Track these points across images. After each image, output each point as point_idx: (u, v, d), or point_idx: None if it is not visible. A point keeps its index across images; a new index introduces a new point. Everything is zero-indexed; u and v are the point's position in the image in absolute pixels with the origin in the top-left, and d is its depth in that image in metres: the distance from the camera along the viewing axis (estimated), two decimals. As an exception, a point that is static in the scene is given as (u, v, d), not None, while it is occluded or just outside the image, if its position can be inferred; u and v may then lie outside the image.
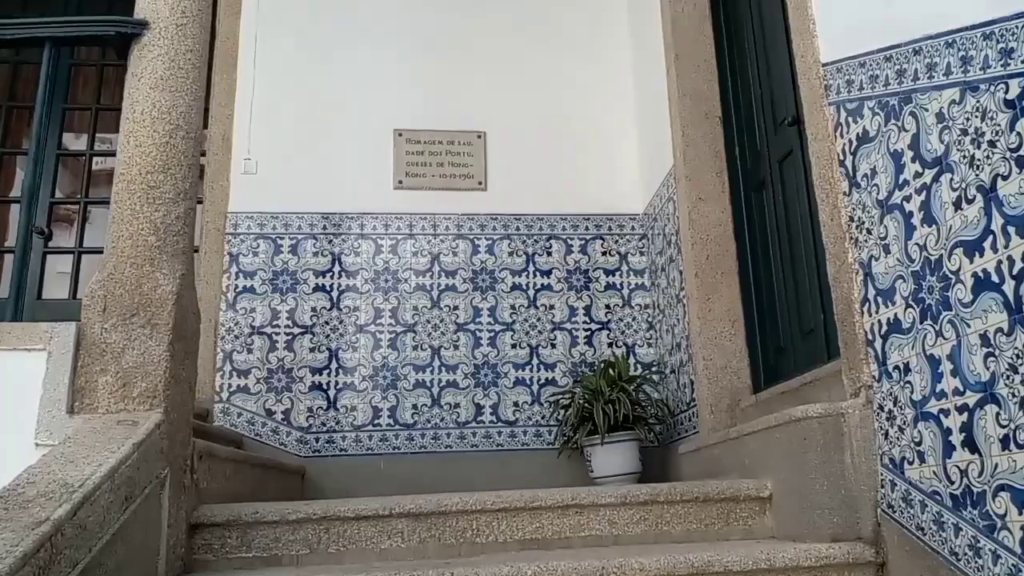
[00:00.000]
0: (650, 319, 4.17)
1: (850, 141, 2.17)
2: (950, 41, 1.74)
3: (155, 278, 2.10)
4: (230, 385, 3.93)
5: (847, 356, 2.17)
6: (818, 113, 2.33)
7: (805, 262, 2.97)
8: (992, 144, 1.59)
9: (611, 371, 3.72)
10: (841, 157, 2.21)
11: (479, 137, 4.40)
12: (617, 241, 4.29)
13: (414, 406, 3.97)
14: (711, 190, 3.58)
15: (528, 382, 4.05)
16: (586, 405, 3.63)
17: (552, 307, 4.17)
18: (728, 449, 2.81)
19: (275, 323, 4.02)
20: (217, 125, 4.31)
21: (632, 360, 4.11)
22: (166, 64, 2.27)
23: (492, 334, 4.10)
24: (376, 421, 3.93)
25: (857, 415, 2.06)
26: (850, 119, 2.17)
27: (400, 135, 4.36)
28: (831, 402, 2.22)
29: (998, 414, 1.57)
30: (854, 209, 2.14)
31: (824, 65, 2.31)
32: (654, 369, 4.07)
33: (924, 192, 1.83)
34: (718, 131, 3.67)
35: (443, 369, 4.03)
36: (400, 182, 4.30)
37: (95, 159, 4.83)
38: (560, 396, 3.94)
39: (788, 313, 3.13)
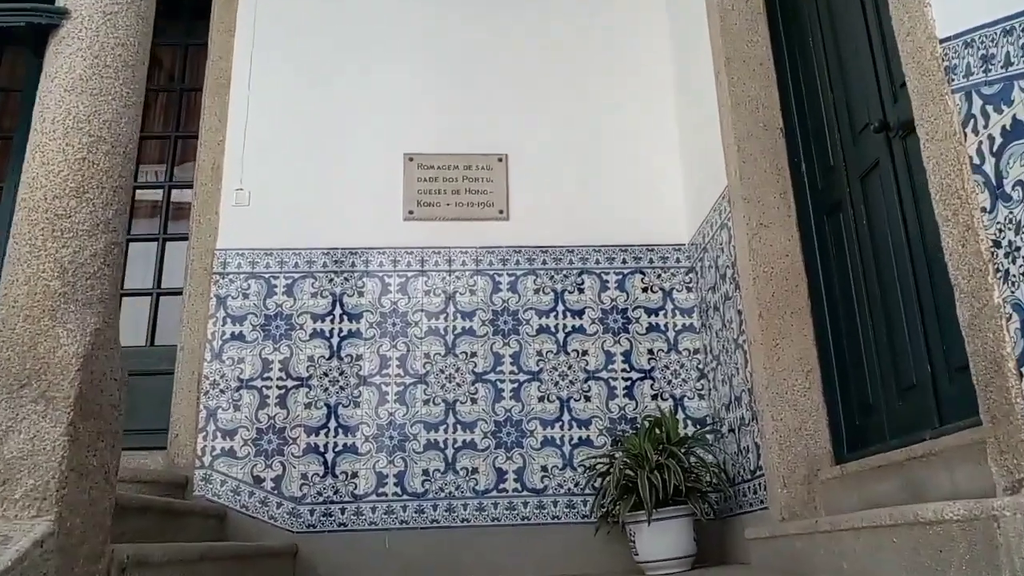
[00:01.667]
0: (701, 366, 3.57)
1: (991, 138, 1.59)
2: None
3: (55, 336, 1.58)
4: (213, 448, 3.40)
5: (997, 434, 1.56)
6: (936, 105, 1.75)
7: (902, 300, 2.37)
8: None
9: (657, 431, 3.12)
10: (976, 161, 1.63)
11: (500, 160, 3.87)
12: (660, 276, 3.72)
13: (425, 472, 3.40)
14: (775, 214, 3.00)
15: (558, 442, 3.46)
16: (628, 472, 3.03)
17: (585, 353, 3.59)
18: (816, 544, 2.19)
19: (266, 375, 3.50)
20: (206, 152, 3.84)
21: (681, 415, 3.50)
22: (87, 61, 1.78)
23: (516, 385, 3.53)
24: (381, 490, 3.37)
25: (1019, 521, 1.45)
26: (990, 108, 1.59)
27: (411, 160, 3.86)
28: (968, 496, 1.61)
29: None
30: (1001, 230, 1.55)
31: (943, 41, 1.74)
32: (707, 426, 3.45)
33: None
34: (780, 144, 3.10)
35: (459, 427, 3.47)
36: (410, 212, 3.78)
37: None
38: (597, 460, 3.35)
39: (878, 364, 2.52)
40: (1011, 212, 1.52)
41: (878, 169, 2.53)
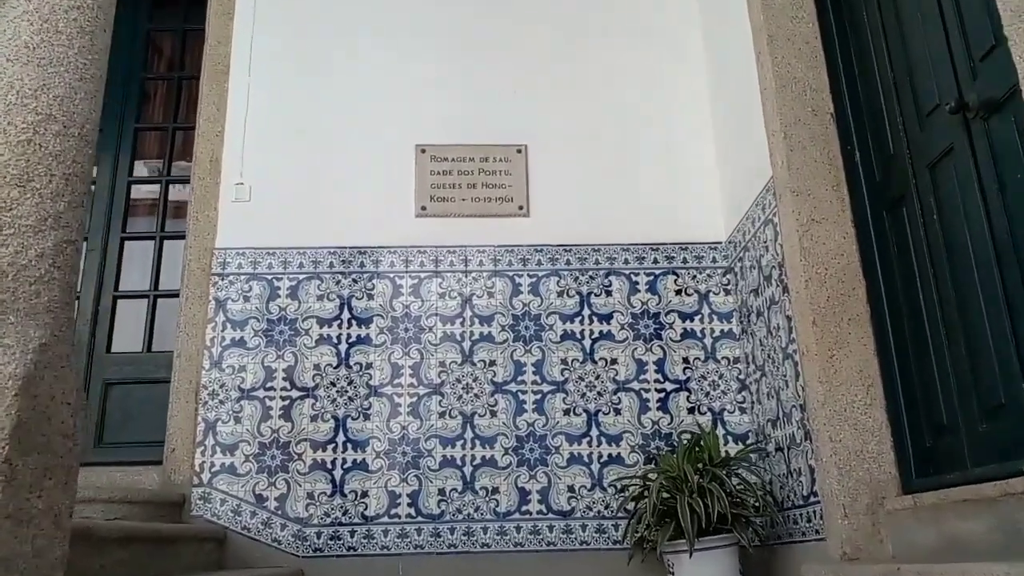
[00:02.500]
0: (742, 377, 3.26)
1: None
2: None
3: (-12, 354, 1.30)
4: (212, 464, 3.13)
5: None
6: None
7: (984, 306, 2.05)
8: None
9: (697, 449, 2.81)
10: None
11: (519, 152, 3.58)
12: (695, 277, 3.41)
13: (441, 491, 3.12)
14: (828, 208, 2.69)
15: (586, 459, 3.17)
16: (666, 496, 2.73)
17: (614, 361, 3.29)
18: (895, 592, 1.88)
19: (269, 385, 3.23)
20: (204, 144, 3.58)
21: (720, 431, 3.19)
22: (35, 26, 1.51)
23: (539, 396, 3.24)
24: (393, 511, 3.09)
25: None
26: None
27: (423, 152, 3.57)
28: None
29: None
30: None
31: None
32: (751, 444, 3.14)
33: None
34: (831, 131, 2.79)
35: (477, 443, 3.18)
36: (423, 208, 3.50)
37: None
38: (629, 481, 3.05)
39: (953, 378, 2.21)
40: None
41: (952, 156, 2.21)
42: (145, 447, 3.35)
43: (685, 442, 2.86)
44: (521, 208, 3.50)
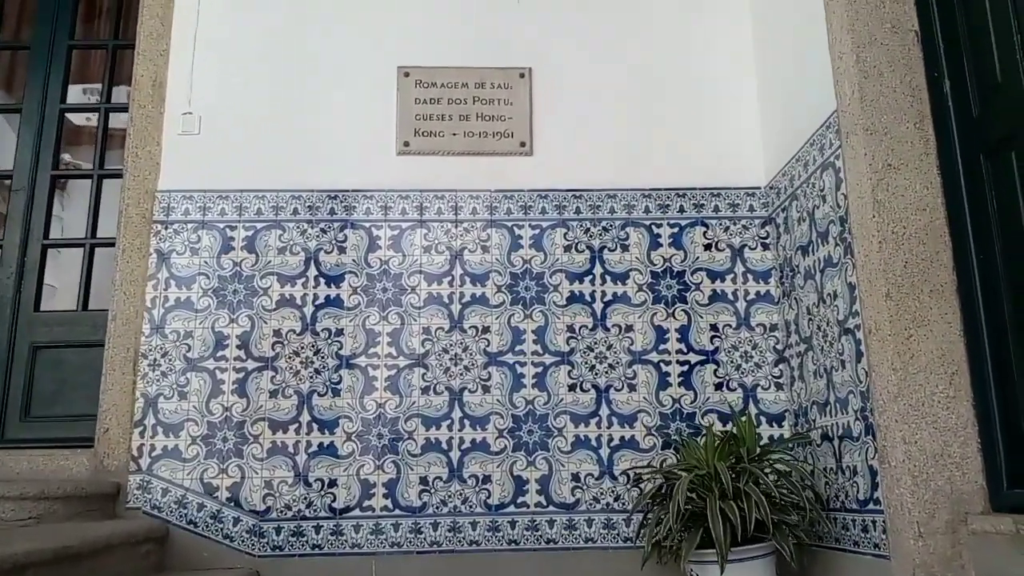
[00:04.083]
0: (779, 347, 2.77)
1: None
2: None
3: None
4: (153, 447, 2.65)
5: None
6: None
7: None
8: None
9: (733, 443, 2.34)
10: None
11: (522, 76, 3.01)
12: (727, 229, 2.88)
13: (423, 480, 2.65)
14: (908, 151, 2.15)
15: (594, 443, 2.70)
16: (694, 497, 2.26)
17: (630, 328, 2.79)
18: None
19: (220, 354, 2.73)
20: (145, 65, 3.01)
21: (752, 409, 2.72)
22: None
23: (540, 370, 2.75)
24: (366, 503, 2.63)
25: None
26: None
27: (407, 75, 2.99)
28: None
29: None
30: None
31: None
32: (792, 431, 2.67)
33: None
34: (915, 54, 2.23)
35: (467, 423, 2.70)
36: (406, 144, 2.94)
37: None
38: (645, 472, 2.59)
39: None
40: None
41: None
42: (82, 421, 2.86)
43: (717, 434, 2.38)
44: (523, 145, 2.94)
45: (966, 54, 2.11)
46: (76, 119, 4.16)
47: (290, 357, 2.73)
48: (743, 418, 2.49)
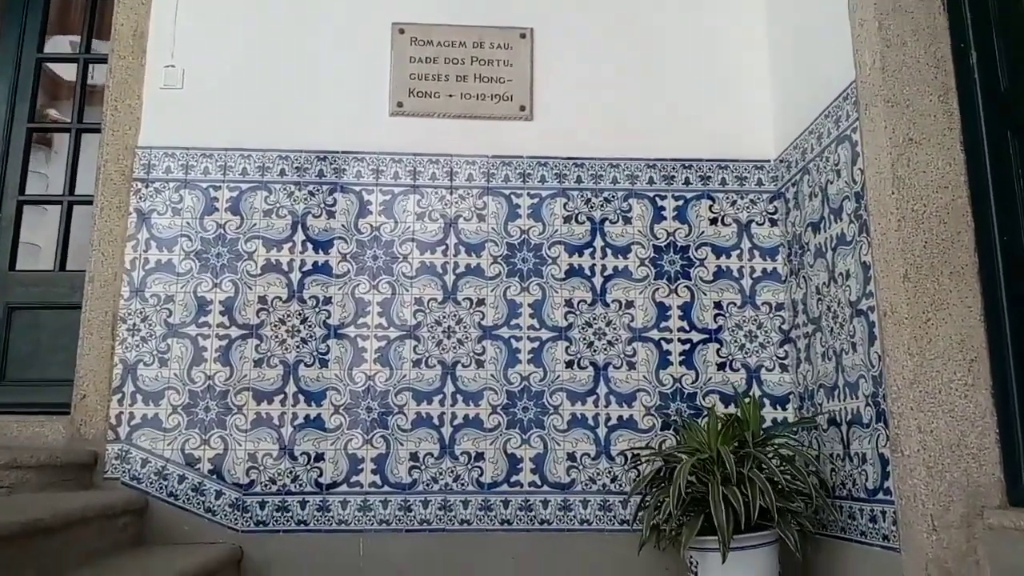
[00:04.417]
0: (785, 327, 2.67)
1: None
2: None
3: None
4: (132, 416, 2.54)
5: None
6: None
7: None
8: None
9: (736, 427, 2.25)
10: None
11: (523, 37, 2.86)
12: (734, 203, 2.77)
13: (413, 456, 2.56)
14: (931, 126, 2.04)
15: (591, 422, 2.61)
16: (694, 481, 2.18)
17: (630, 304, 2.69)
18: None
19: (203, 320, 2.61)
20: (126, 14, 2.84)
21: (756, 391, 2.63)
22: None
23: (536, 345, 2.64)
24: (354, 479, 2.53)
25: None
26: None
27: (401, 32, 2.84)
28: None
29: None
30: None
31: None
32: (799, 415, 2.59)
33: None
34: (940, 22, 2.11)
35: (459, 398, 2.60)
36: (399, 105, 2.80)
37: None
38: (643, 454, 2.50)
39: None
40: None
41: None
42: (59, 387, 2.74)
43: (721, 420, 2.28)
44: (523, 109, 2.81)
45: (995, 24, 2.00)
46: (65, 74, 3.98)
47: (276, 325, 2.61)
48: (747, 400, 2.40)
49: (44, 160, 4.79)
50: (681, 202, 2.75)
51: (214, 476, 2.52)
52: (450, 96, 2.80)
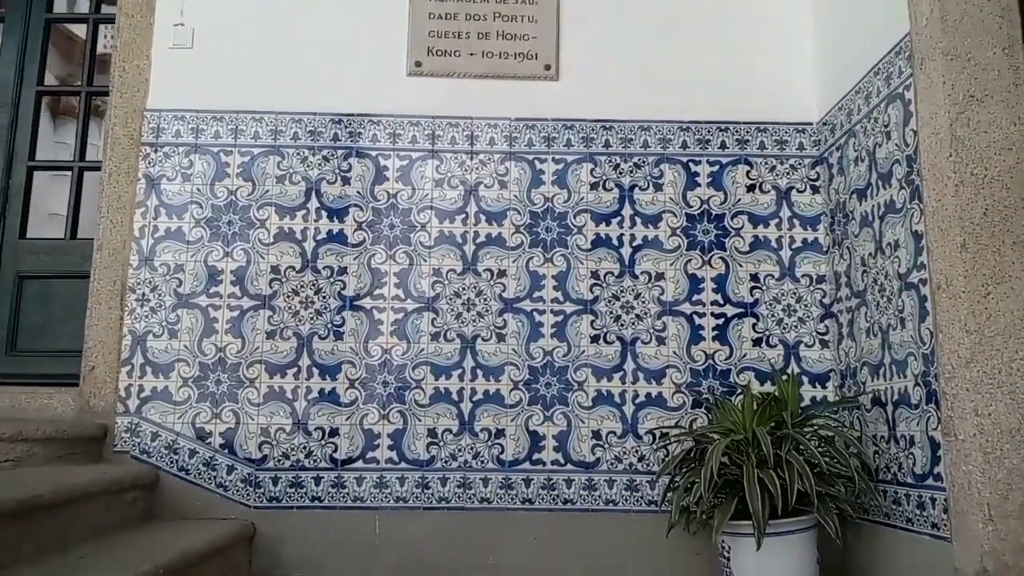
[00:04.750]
0: (827, 301, 2.52)
1: None
2: None
3: None
4: (142, 388, 2.46)
5: None
6: None
7: None
8: None
9: (773, 406, 2.11)
10: None
11: (549, -9, 2.70)
12: (773, 168, 2.60)
13: (431, 432, 2.45)
14: (995, 81, 1.86)
15: (617, 399, 2.48)
16: (726, 462, 2.05)
17: (660, 276, 2.54)
18: None
19: (213, 290, 2.51)
20: (133, -31, 2.71)
21: (794, 368, 2.48)
22: None
23: (560, 318, 2.52)
24: (370, 455, 2.44)
25: None
26: None
27: (421, -13, 2.70)
28: None
29: None
30: None
31: None
32: (842, 395, 2.44)
33: None
34: (1006, -35, 1.92)
35: (479, 373, 2.49)
36: (418, 64, 2.66)
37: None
38: (673, 433, 2.38)
39: None
40: None
41: None
42: (69, 358, 2.67)
43: (757, 400, 2.15)
44: (548, 68, 2.65)
45: (1072, -34, 1.81)
46: (82, 35, 3.88)
47: (289, 296, 2.51)
48: (784, 378, 2.26)
49: (62, 127, 4.70)
50: (716, 167, 2.60)
51: (226, 451, 2.44)
52: (471, 55, 2.65)
